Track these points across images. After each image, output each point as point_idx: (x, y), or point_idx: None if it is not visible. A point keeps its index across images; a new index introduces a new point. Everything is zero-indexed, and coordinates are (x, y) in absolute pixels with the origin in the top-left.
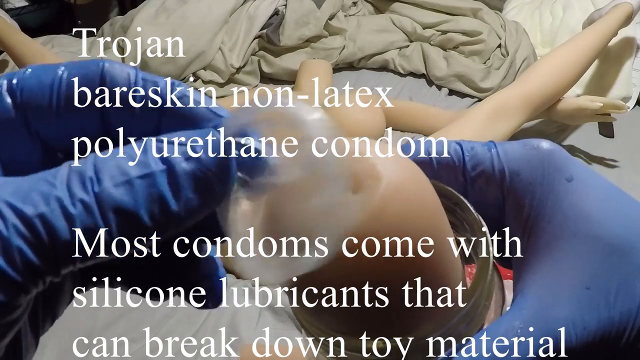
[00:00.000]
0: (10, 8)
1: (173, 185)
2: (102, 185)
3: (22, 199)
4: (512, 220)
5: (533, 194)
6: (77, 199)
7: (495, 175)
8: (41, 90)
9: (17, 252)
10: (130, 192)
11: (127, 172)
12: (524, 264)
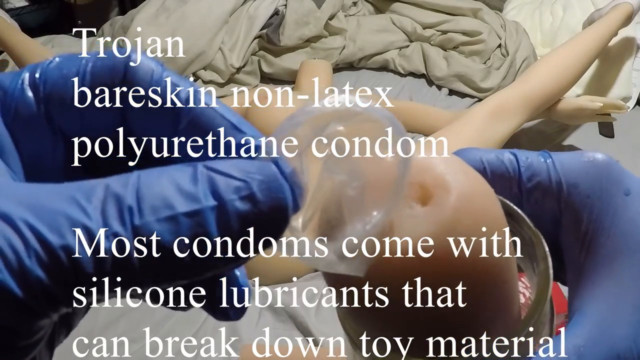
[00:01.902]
0: (10, 8)
1: (222, 227)
2: (144, 218)
3: (48, 222)
4: (569, 235)
5: (591, 207)
6: (112, 232)
7: (552, 187)
8: (64, 85)
9: (37, 282)
10: (173, 230)
11: (173, 205)
12: (581, 280)
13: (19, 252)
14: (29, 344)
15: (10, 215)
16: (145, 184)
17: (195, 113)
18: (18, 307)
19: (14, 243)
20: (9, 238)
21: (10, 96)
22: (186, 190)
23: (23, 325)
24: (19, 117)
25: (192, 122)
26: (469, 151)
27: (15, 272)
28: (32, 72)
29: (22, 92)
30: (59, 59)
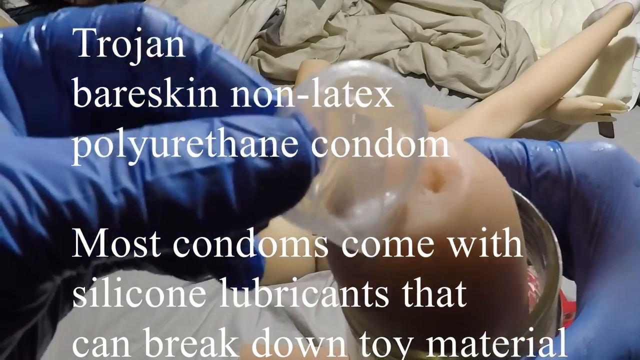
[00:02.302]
0: (10, 8)
1: (240, 185)
2: (156, 174)
3: (52, 177)
4: (578, 226)
5: (601, 198)
6: (121, 187)
7: (561, 177)
8: (73, 38)
9: (38, 240)
10: (188, 188)
11: (188, 161)
12: (591, 272)
13: (20, 207)
14: (29, 309)
15: (12, 169)
16: (157, 138)
17: (210, 67)
18: (18, 267)
19: (15, 198)
20: (9, 192)
21: (15, 49)
22: (202, 146)
23: (23, 288)
24: (23, 71)
25: (207, 76)
26: (477, 140)
27: (15, 229)
28: (38, 25)
29: (28, 45)
30: (66, 12)
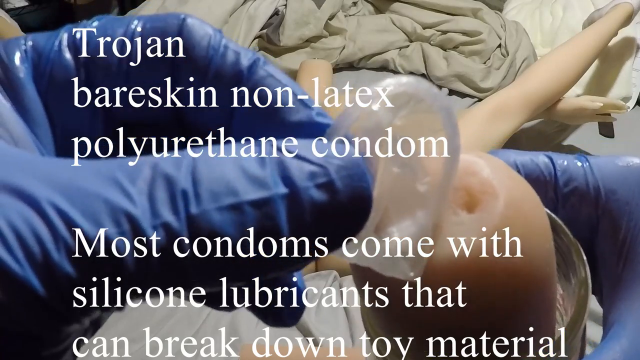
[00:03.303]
0: (10, 8)
1: (293, 220)
2: (202, 205)
3: (81, 208)
4: (606, 243)
5: (630, 214)
6: (161, 222)
7: (589, 192)
8: (110, 48)
9: (66, 279)
10: (237, 222)
11: (237, 191)
12: (618, 291)
13: (45, 242)
14: (54, 352)
15: (36, 197)
16: (202, 164)
17: (256, 82)
18: (43, 309)
19: (39, 231)
20: (33, 225)
21: (46, 59)
22: (252, 174)
23: (48, 332)
24: (54, 83)
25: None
26: (502, 153)
27: (40, 267)
28: (71, 32)
29: (60, 55)
30: (101, 20)
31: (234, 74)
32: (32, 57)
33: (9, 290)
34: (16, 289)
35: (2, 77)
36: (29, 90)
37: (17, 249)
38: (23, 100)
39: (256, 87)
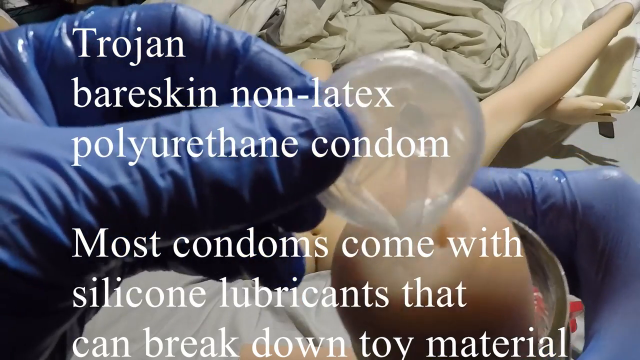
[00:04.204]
0: (10, 8)
1: (283, 163)
2: (202, 154)
3: (96, 164)
4: (585, 256)
5: (607, 228)
6: (167, 170)
7: (567, 208)
8: (107, 35)
9: (87, 228)
10: (235, 168)
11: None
12: (599, 303)
13: (66, 196)
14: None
15: (54, 158)
16: (199, 120)
17: (251, 57)
18: (65, 257)
19: (60, 186)
20: (54, 181)
21: (47, 45)
22: (243, 127)
23: (70, 279)
24: (55, 68)
25: (249, 67)
26: (482, 171)
27: (62, 218)
28: (70, 21)
29: (60, 41)
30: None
31: (229, 52)
32: (34, 44)
33: (35, 240)
34: (41, 239)
35: (7, 63)
36: (32, 74)
37: (40, 203)
38: (27, 83)
39: (252, 61)
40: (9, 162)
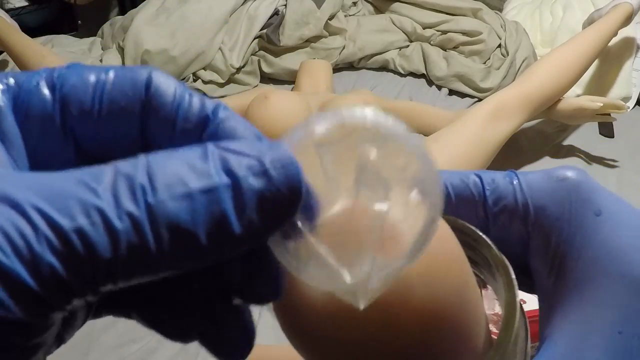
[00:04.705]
0: (10, 8)
1: (238, 203)
2: (157, 196)
3: (57, 206)
4: (537, 258)
5: (560, 230)
6: (125, 211)
7: (518, 210)
8: (84, 89)
9: (49, 269)
10: (189, 208)
11: (186, 182)
12: (551, 306)
13: (28, 237)
14: (37, 343)
15: (17, 200)
16: (155, 163)
17: (218, 124)
18: (30, 297)
19: (23, 228)
20: (17, 223)
21: (25, 91)
22: (199, 168)
23: (36, 318)
24: (31, 114)
25: (215, 133)
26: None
27: (26, 259)
28: (50, 72)
29: (38, 89)
30: (77, 65)
31: (200, 119)
32: (13, 90)
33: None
34: (6, 279)
35: None
36: (8, 118)
37: (4, 245)
38: (3, 126)
39: (219, 127)
40: None
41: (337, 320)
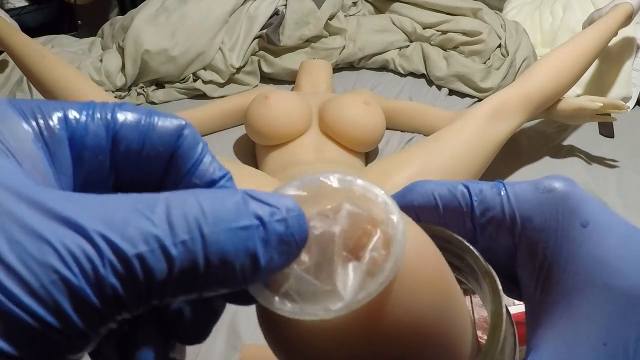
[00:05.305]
0: (10, 8)
1: (264, 242)
2: (211, 228)
3: (120, 233)
4: (524, 269)
5: (547, 241)
6: (179, 240)
7: (505, 221)
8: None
9: (111, 289)
10: (234, 241)
11: (231, 219)
12: (539, 315)
13: (94, 261)
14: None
15: (84, 227)
16: (206, 199)
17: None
18: (92, 312)
19: (89, 253)
20: (84, 248)
21: (82, 125)
22: (238, 209)
23: (94, 331)
24: (86, 146)
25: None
26: (422, 185)
27: (92, 281)
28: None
29: (95, 124)
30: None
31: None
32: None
33: (69, 297)
34: (74, 297)
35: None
36: (65, 149)
37: (73, 267)
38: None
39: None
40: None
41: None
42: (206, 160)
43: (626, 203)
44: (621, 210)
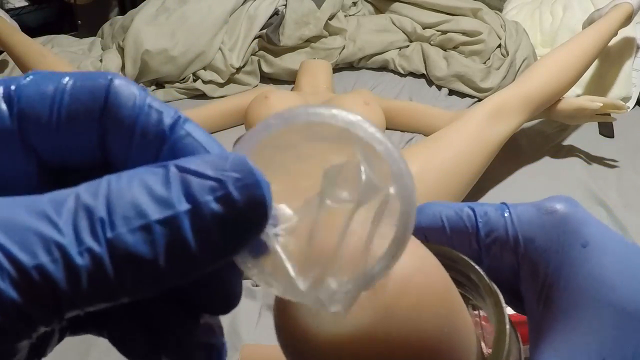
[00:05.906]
0: (10, 8)
1: (198, 230)
2: (116, 230)
3: (19, 242)
4: (527, 287)
5: (548, 261)
6: (85, 247)
7: (509, 242)
8: (41, 101)
9: (11, 303)
10: (148, 240)
11: (145, 213)
12: (540, 331)
13: None
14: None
15: None
16: (115, 191)
17: (176, 140)
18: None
19: None
20: None
21: None
22: (159, 195)
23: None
24: None
25: (173, 149)
26: (429, 207)
27: None
28: (7, 85)
29: None
30: (36, 75)
31: (157, 132)
32: None
33: None
34: None
35: None
36: None
37: None
38: None
39: (177, 145)
40: None
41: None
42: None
43: (626, 203)
44: (621, 210)
